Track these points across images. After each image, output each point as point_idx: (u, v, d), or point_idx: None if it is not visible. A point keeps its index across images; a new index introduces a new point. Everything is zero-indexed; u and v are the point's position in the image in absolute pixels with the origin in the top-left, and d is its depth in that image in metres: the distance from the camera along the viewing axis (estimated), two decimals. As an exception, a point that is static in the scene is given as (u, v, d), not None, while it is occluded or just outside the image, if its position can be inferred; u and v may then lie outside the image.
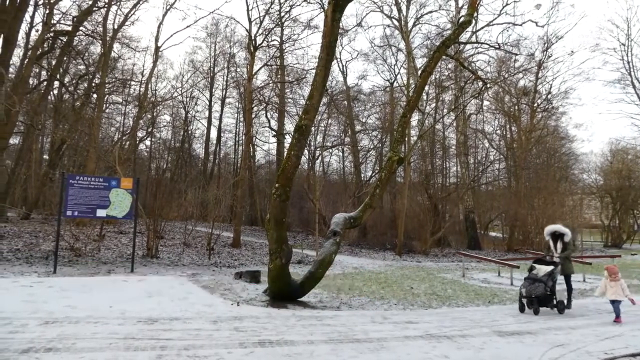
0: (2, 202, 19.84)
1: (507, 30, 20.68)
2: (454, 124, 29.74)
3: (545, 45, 28.79)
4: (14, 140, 26.20)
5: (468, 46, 21.44)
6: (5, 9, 16.09)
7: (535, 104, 29.98)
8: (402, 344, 5.35)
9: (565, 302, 7.97)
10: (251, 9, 34.91)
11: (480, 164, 32.18)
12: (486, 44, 14.13)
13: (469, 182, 27.90)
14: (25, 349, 4.45)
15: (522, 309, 7.76)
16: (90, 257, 12.79)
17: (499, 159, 32.44)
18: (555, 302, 7.71)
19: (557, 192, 29.35)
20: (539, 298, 7.53)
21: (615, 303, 7.06)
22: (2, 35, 16.09)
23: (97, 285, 8.52)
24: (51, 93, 25.86)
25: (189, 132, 36.63)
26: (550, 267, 7.83)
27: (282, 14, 22.79)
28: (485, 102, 30.51)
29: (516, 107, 30.24)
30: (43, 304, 6.57)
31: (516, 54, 23.98)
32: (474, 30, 15.54)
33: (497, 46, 13.66)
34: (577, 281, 12.64)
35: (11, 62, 18.44)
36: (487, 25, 17.91)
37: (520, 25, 16.42)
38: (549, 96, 30.07)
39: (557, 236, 8.52)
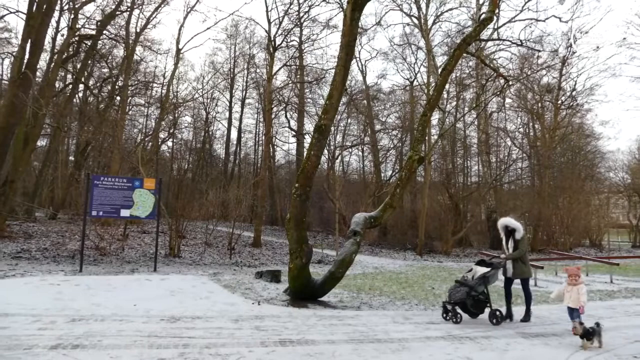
0: (30, 203, 20.40)
1: (530, 27, 20.28)
2: (475, 123, 29.33)
3: (570, 41, 28.17)
4: (42, 142, 26.91)
5: (489, 43, 21.13)
6: (33, 15, 16.53)
7: (559, 101, 29.32)
8: (424, 344, 5.31)
9: (504, 311, 6.98)
10: (270, 10, 34.75)
11: (503, 163, 31.63)
12: (508, 40, 13.95)
13: (491, 181, 27.48)
14: (53, 345, 4.57)
15: (443, 315, 6.86)
16: (114, 256, 13.05)
17: (521, 158, 31.84)
18: (489, 310, 6.70)
19: (582, 191, 28.69)
20: (459, 304, 6.63)
21: (571, 311, 5.94)
22: (29, 40, 16.54)
23: (122, 283, 8.69)
24: (76, 96, 26.48)
25: (210, 132, 37.06)
26: (486, 270, 6.84)
27: (301, 14, 22.87)
28: (508, 100, 30.00)
29: (539, 105, 29.63)
30: (70, 301, 6.73)
31: (539, 51, 23.50)
32: (496, 27, 15.30)
33: (520, 43, 13.44)
34: (604, 282, 12.35)
35: (38, 66, 18.93)
36: (509, 21, 17.65)
37: (544, 21, 16.15)
38: (574, 93, 29.37)
39: (510, 232, 7.22)
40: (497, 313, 6.63)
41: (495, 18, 11.42)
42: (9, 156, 16.67)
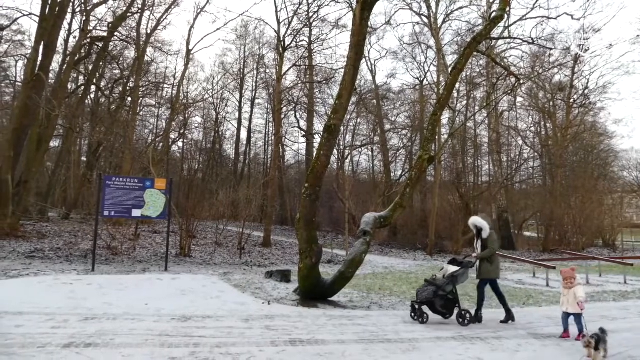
0: (43, 203, 20.65)
1: (541, 24, 20.01)
2: (486, 122, 29.13)
3: (582, 38, 27.81)
4: (54, 143, 27.24)
5: (500, 42, 20.93)
6: (45, 17, 16.74)
7: (572, 100, 28.99)
8: (435, 345, 5.28)
9: (473, 312, 6.70)
10: (280, 10, 34.83)
11: (514, 162, 31.40)
12: (519, 39, 13.79)
13: (502, 180, 27.27)
14: (66, 343, 4.62)
15: (411, 314, 6.66)
16: (126, 255, 13.17)
17: (533, 157, 31.57)
18: (457, 311, 6.49)
19: (595, 191, 28.34)
20: (426, 304, 6.45)
21: (567, 317, 5.76)
22: (42, 43, 16.75)
23: (133, 283, 8.76)
24: (88, 97, 26.75)
25: (220, 133, 37.25)
26: (455, 269, 6.65)
27: (311, 14, 22.89)
28: (519, 99, 29.78)
29: (551, 103, 29.36)
30: (83, 300, 6.81)
31: (551, 49, 23.23)
32: (507, 25, 15.13)
33: (531, 41, 13.28)
34: (618, 283, 12.19)
35: (51, 68, 19.19)
36: (520, 19, 17.42)
37: (555, 18, 15.95)
38: (586, 91, 29.01)
39: (479, 231, 7.00)
40: (466, 314, 6.40)
41: (506, 16, 11.30)
42: (22, 157, 16.90)
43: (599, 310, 8.02)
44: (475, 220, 7.06)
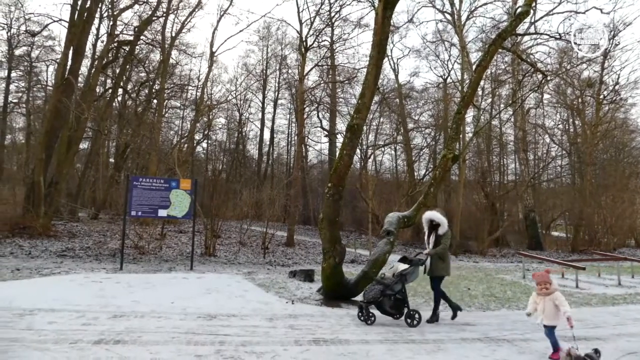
0: (73, 203, 21.23)
1: (569, 19, 19.49)
2: (512, 119, 28.59)
3: (612, 33, 27.02)
4: (84, 145, 27.97)
5: (526, 38, 20.51)
6: (75, 23, 17.21)
7: (601, 96, 28.14)
8: (460, 346, 5.22)
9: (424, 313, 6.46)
10: (302, 11, 35.22)
11: (541, 161, 30.70)
12: (546, 34, 13.45)
13: (529, 179, 26.70)
14: (96, 340, 4.74)
15: (358, 314, 6.37)
16: (152, 254, 13.43)
17: (561, 155, 30.82)
18: (405, 311, 6.21)
19: (626, 189, 27.45)
20: (373, 303, 6.14)
21: (548, 329, 4.82)
22: (72, 47, 17.23)
23: (160, 281, 8.93)
24: (116, 100, 27.39)
25: (243, 133, 37.61)
26: (404, 267, 6.38)
27: (333, 14, 22.91)
28: (546, 96, 29.10)
29: (580, 100, 28.56)
30: (112, 298, 6.98)
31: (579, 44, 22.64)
32: (533, 20, 14.80)
33: (558, 36, 12.97)
34: (651, 284, 11.79)
35: (80, 72, 19.71)
36: (547, 14, 17.00)
37: (583, 13, 15.47)
38: (617, 87, 28.13)
39: (434, 226, 6.74)
40: (415, 314, 6.16)
41: (532, 11, 11.06)
42: (53, 159, 17.42)
43: (633, 313, 7.78)
44: (434, 214, 6.78)
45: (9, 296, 6.62)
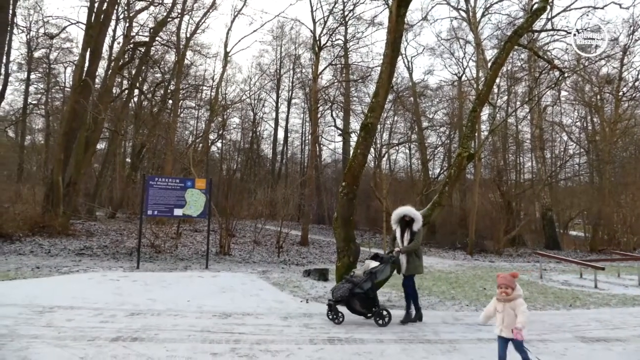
0: (91, 203, 21.56)
1: (587, 15, 19.21)
2: (528, 117, 28.17)
3: (632, 28, 26.45)
4: (101, 146, 28.41)
5: (543, 34, 20.23)
6: (92, 25, 17.48)
7: (621, 93, 27.59)
8: (476, 346, 5.17)
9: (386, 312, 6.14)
10: (315, 10, 35.24)
11: (558, 159, 30.20)
12: (563, 30, 13.26)
13: (546, 178, 26.31)
14: (114, 337, 4.82)
15: (327, 313, 6.20)
16: (168, 253, 13.58)
17: (579, 153, 30.26)
18: (375, 310, 6.03)
19: (647, 188, 26.87)
20: (342, 302, 5.98)
21: (504, 343, 4.00)
22: (89, 49, 17.50)
23: (176, 280, 9.02)
24: (132, 101, 27.76)
25: (257, 133, 37.79)
26: (375, 265, 6.21)
27: (346, 12, 22.88)
28: (563, 93, 28.60)
29: (598, 97, 28.02)
30: (128, 296, 7.07)
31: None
32: (549, 16, 14.63)
33: (576, 32, 12.76)
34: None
35: (97, 74, 20.02)
36: (564, 10, 16.82)
37: (602, 8, 15.23)
38: (637, 83, 27.54)
39: (407, 223, 6.52)
40: (384, 313, 6.01)
41: (548, 7, 10.91)
42: (72, 159, 17.72)
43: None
44: (408, 210, 6.57)
45: (30, 294, 6.76)
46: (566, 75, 17.89)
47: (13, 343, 4.45)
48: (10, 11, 17.74)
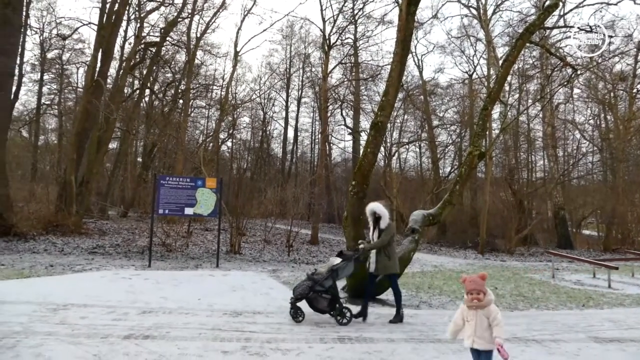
0: (103, 202, 21.79)
1: (600, 11, 18.87)
2: (540, 115, 27.91)
3: (646, 24, 26.03)
4: (113, 145, 28.68)
5: (555, 31, 19.99)
6: (103, 26, 17.65)
7: (635, 90, 27.19)
8: (487, 346, 5.12)
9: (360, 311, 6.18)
10: (325, 9, 35.28)
11: (571, 157, 29.86)
12: (576, 27, 13.08)
13: (558, 176, 26.04)
14: (126, 335, 4.87)
15: (290, 312, 6.03)
16: (179, 252, 13.67)
17: (592, 151, 29.89)
18: (337, 307, 5.92)
19: (662, 186, 26.45)
20: (302, 300, 5.89)
21: (477, 356, 3.47)
22: (100, 50, 17.67)
23: (187, 279, 9.09)
24: (143, 100, 27.98)
25: (267, 132, 37.88)
26: (337, 262, 6.08)
27: (356, 11, 22.82)
28: (576, 90, 28.23)
29: (612, 94, 27.64)
30: (140, 294, 7.14)
31: (611, 36, 21.92)
32: (562, 13, 14.46)
33: (589, 29, 12.60)
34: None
35: (108, 74, 20.22)
36: (577, 7, 16.59)
37: (615, 4, 14.97)
38: (652, 80, 27.11)
39: (376, 219, 6.37)
40: (346, 311, 5.92)
41: (561, 4, 10.79)
42: (84, 159, 17.92)
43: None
44: (376, 206, 6.40)
45: (44, 291, 6.85)
46: (579, 72, 17.68)
47: (28, 340, 4.51)
48: (24, 13, 17.95)
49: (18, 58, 18.08)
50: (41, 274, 8.71)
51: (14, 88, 21.85)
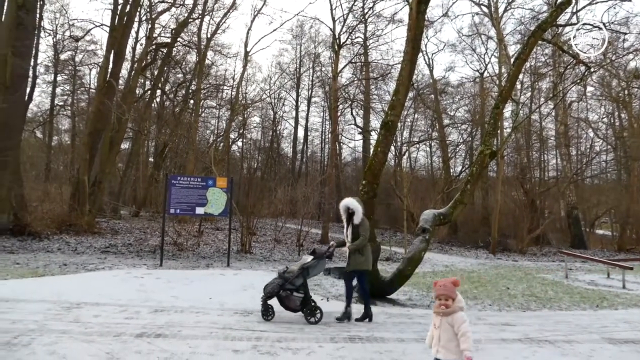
0: (116, 201, 22.00)
1: (614, 8, 18.66)
2: (553, 114, 27.58)
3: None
4: (125, 145, 28.93)
5: (567, 28, 19.74)
6: (115, 27, 17.81)
7: (650, 87, 26.77)
8: (499, 347, 5.09)
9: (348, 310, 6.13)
10: (335, 8, 35.09)
11: (584, 156, 29.49)
12: (589, 24, 12.92)
13: (571, 175, 25.73)
14: (138, 333, 4.91)
15: (261, 310, 5.95)
16: (191, 251, 13.76)
17: (606, 150, 29.49)
18: (308, 306, 5.88)
19: (678, 185, 26.00)
20: (272, 298, 5.86)
21: None
22: (112, 51, 17.85)
23: (198, 278, 9.14)
24: (154, 101, 28.19)
25: (278, 132, 37.93)
26: (309, 260, 6.03)
27: (366, 10, 22.75)
28: (589, 88, 27.87)
29: (626, 92, 27.24)
30: (152, 293, 7.20)
31: (625, 33, 21.56)
32: (574, 10, 14.25)
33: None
34: None
35: (120, 75, 20.40)
36: (590, 4, 16.32)
37: (629, 0, 14.77)
38: (667, 77, 26.66)
39: (349, 215, 6.26)
40: (316, 310, 5.87)
41: (573, 1, 10.65)
42: (97, 159, 18.11)
43: None
44: (349, 201, 6.29)
45: (58, 290, 6.94)
46: (592, 70, 17.44)
47: (42, 337, 4.58)
48: (37, 15, 18.19)
49: (32, 60, 18.28)
50: (55, 273, 8.82)
51: (28, 89, 22.16)
